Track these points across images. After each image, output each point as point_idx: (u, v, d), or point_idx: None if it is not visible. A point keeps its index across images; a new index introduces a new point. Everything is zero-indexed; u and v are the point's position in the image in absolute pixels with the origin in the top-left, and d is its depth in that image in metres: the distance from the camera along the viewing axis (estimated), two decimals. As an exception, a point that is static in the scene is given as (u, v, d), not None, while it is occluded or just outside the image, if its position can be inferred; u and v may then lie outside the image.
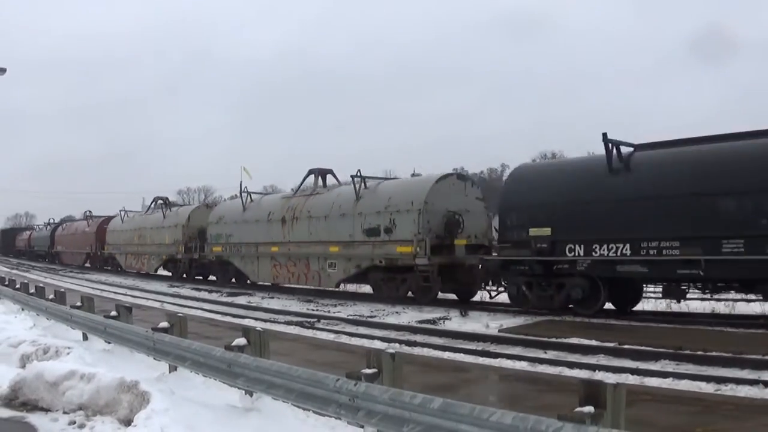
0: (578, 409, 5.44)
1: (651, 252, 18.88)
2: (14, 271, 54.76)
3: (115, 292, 34.92)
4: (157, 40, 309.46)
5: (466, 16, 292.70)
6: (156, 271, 47.16)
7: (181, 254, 42.94)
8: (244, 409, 9.15)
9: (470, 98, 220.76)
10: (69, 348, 13.25)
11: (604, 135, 20.23)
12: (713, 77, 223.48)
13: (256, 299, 30.24)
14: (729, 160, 18.15)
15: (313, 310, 25.32)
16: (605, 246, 19.79)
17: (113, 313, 15.09)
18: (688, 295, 19.43)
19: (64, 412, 9.89)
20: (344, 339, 17.94)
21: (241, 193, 37.27)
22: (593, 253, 20.08)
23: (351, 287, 30.34)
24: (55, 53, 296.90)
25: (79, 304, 17.26)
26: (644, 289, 21.68)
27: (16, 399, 10.63)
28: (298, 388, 7.93)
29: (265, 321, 21.64)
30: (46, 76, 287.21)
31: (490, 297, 24.67)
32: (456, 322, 20.76)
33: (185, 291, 35.71)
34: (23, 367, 12.03)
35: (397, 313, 23.43)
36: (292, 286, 33.39)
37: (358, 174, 29.35)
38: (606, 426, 5.27)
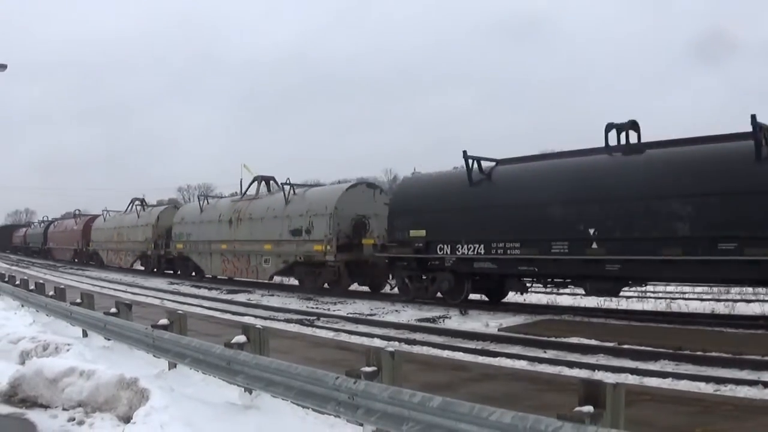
0: (578, 408, 5.44)
1: (499, 252, 22.54)
2: (14, 268, 54.88)
3: (115, 289, 34.96)
4: (160, 42, 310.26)
5: (467, 19, 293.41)
6: (132, 265, 51.85)
7: (150, 250, 47.90)
8: (243, 407, 9.15)
9: (471, 100, 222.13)
10: (69, 345, 13.24)
11: (464, 152, 23.87)
12: (715, 79, 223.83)
13: (255, 297, 30.26)
14: (559, 174, 21.75)
15: (312, 308, 25.33)
16: (466, 246, 23.54)
17: (113, 310, 15.11)
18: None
19: (64, 409, 9.88)
20: (344, 337, 17.94)
21: (199, 197, 44.19)
22: (457, 252, 23.85)
23: (353, 287, 30.91)
24: (59, 54, 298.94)
25: (78, 300, 17.26)
26: (521, 281, 24.01)
27: (16, 395, 10.61)
28: (298, 385, 7.93)
29: (264, 318, 21.69)
30: (50, 77, 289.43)
31: (390, 288, 28.82)
32: (456, 321, 20.76)
33: (185, 288, 35.75)
34: (23, 363, 12.01)
35: (396, 311, 23.44)
36: (241, 279, 37.75)
37: (288, 182, 34.28)
38: (605, 426, 5.27)
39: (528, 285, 23.82)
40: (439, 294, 24.87)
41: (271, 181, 37.70)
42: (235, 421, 8.54)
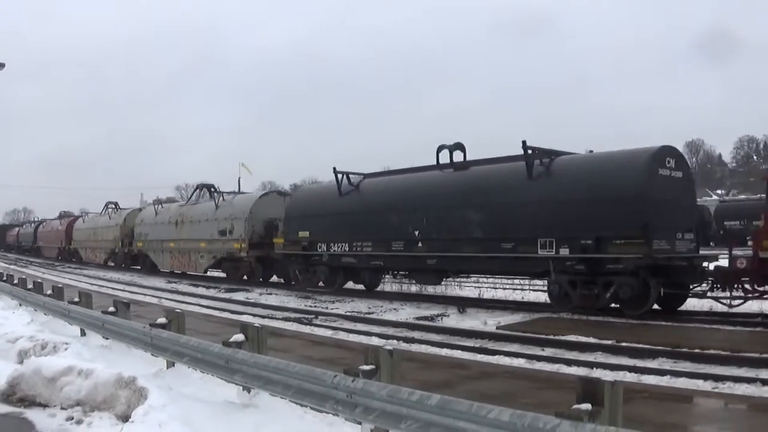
0: (576, 406, 5.45)
1: (357, 249, 28.41)
2: (12, 267, 54.94)
3: (113, 288, 34.96)
4: (161, 41, 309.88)
5: (468, 19, 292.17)
6: (105, 262, 57.72)
7: (118, 248, 53.95)
8: (241, 405, 9.15)
9: (471, 99, 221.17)
10: (67, 344, 13.24)
11: (334, 168, 29.77)
12: (718, 78, 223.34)
13: (253, 295, 30.24)
14: (400, 187, 27.73)
15: (310, 306, 25.30)
16: (336, 245, 29.48)
17: (111, 308, 15.09)
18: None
19: (62, 408, 9.88)
20: (342, 335, 17.93)
21: (153, 202, 51.21)
22: (330, 250, 29.82)
23: (348, 285, 31.00)
24: (60, 53, 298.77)
25: (77, 299, 17.24)
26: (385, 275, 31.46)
27: (14, 394, 10.62)
28: (296, 384, 7.93)
29: (262, 317, 21.69)
30: (51, 75, 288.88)
31: (295, 282, 33.55)
32: (454, 319, 20.76)
33: (183, 287, 35.73)
34: (21, 362, 12.02)
35: (395, 309, 23.43)
36: (182, 271, 44.25)
37: (217, 189, 42.35)
38: (603, 423, 5.28)
39: (381, 277, 31.42)
40: (321, 284, 30.88)
41: (212, 188, 43.30)
42: (233, 420, 8.54)
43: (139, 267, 50.25)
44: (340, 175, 29.46)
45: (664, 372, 12.32)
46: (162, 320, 12.30)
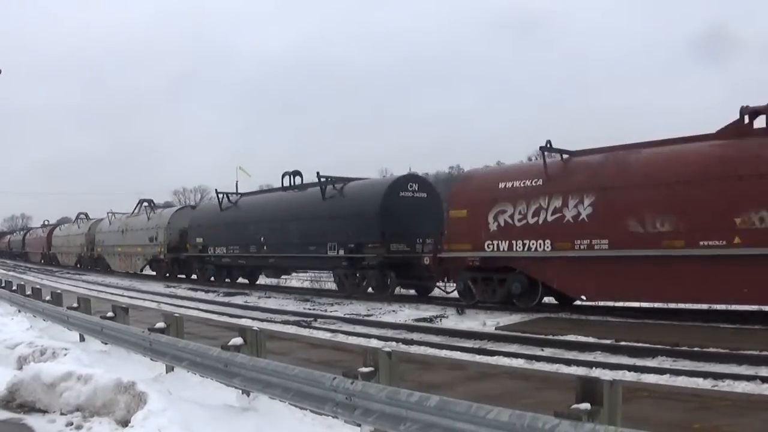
0: (575, 406, 5.44)
1: (231, 252, 38.34)
2: (11, 273, 54.98)
3: (112, 293, 34.99)
4: (163, 43, 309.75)
5: (469, 19, 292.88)
6: (75, 264, 66.49)
7: (83, 253, 63.50)
8: (241, 409, 9.14)
9: (471, 98, 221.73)
10: (66, 349, 13.23)
11: (216, 190, 41.96)
12: (716, 76, 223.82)
13: (252, 299, 30.32)
14: (258, 204, 37.88)
15: (309, 309, 25.35)
16: (219, 248, 39.33)
17: (110, 314, 15.10)
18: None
19: (62, 414, 9.87)
20: (341, 338, 17.95)
21: (107, 214, 59.96)
22: (215, 252, 39.67)
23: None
24: (62, 56, 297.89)
25: (75, 305, 17.24)
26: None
27: (14, 401, 10.61)
28: (295, 387, 7.92)
29: (261, 320, 21.68)
30: (53, 79, 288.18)
31: (197, 277, 42.71)
32: (453, 320, 20.79)
33: (181, 291, 35.86)
34: (20, 368, 12.00)
35: (393, 311, 23.46)
36: (125, 270, 53.41)
37: (151, 203, 54.01)
38: (603, 423, 5.27)
39: (259, 273, 39.73)
40: (212, 278, 40.67)
41: (150, 203, 54.15)
42: (233, 424, 8.54)
43: (99, 268, 59.30)
44: (221, 195, 39.97)
45: (663, 371, 12.33)
46: (161, 325, 12.28)
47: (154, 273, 48.90)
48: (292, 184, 35.72)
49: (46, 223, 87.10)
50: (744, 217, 16.98)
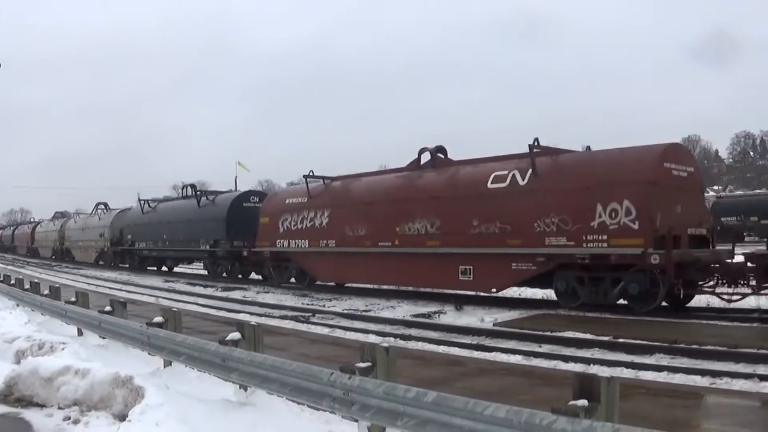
0: (572, 402, 5.45)
1: (147, 246, 48.18)
2: (10, 267, 55.03)
3: (110, 288, 34.98)
4: (172, 37, 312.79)
5: (471, 19, 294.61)
6: (51, 256, 75.57)
7: (56, 246, 73.66)
8: (238, 404, 9.15)
9: (475, 96, 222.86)
10: (64, 343, 13.22)
11: (138, 197, 56.46)
12: (716, 75, 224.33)
13: (251, 294, 30.24)
14: (165, 208, 48.70)
15: (307, 304, 25.30)
16: (140, 243, 49.36)
17: (108, 308, 15.08)
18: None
19: (59, 408, 9.86)
20: (339, 333, 17.94)
21: (73, 214, 74.83)
22: (139, 245, 49.77)
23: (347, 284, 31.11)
24: (67, 52, 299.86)
25: (73, 299, 17.23)
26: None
27: (11, 395, 10.61)
28: (293, 382, 7.92)
29: (260, 316, 21.67)
30: (57, 74, 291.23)
31: (129, 265, 53.38)
32: (451, 316, 20.77)
33: (180, 286, 35.74)
34: (18, 362, 12.00)
35: (392, 307, 23.44)
36: (83, 260, 63.44)
37: (104, 205, 64.37)
38: (600, 419, 5.28)
39: (177, 263, 49.32)
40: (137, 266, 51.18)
41: (105, 205, 64.71)
42: (230, 418, 8.54)
43: (67, 258, 69.13)
44: (142, 201, 51.44)
45: (661, 368, 12.32)
46: (159, 319, 12.30)
47: (102, 263, 58.90)
48: (187, 194, 47.18)
49: (32, 219, 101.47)
50: (400, 226, 25.93)
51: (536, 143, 22.09)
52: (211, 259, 40.86)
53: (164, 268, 49.54)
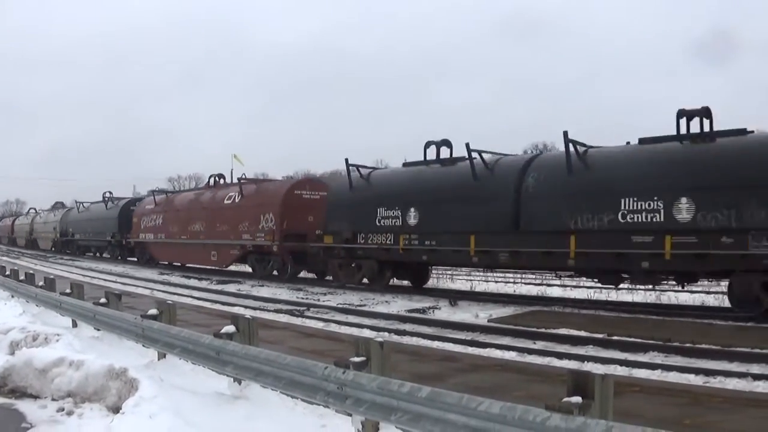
0: (566, 399, 5.45)
1: (81, 236, 61.82)
2: (5, 258, 55.00)
3: (105, 279, 34.90)
4: (181, 32, 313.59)
5: (474, 18, 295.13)
6: (23, 246, 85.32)
7: (28, 237, 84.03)
8: (232, 397, 9.15)
9: (478, 94, 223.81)
10: (58, 335, 13.20)
11: (75, 201, 71.86)
12: (717, 74, 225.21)
13: (245, 287, 30.23)
14: (94, 208, 61.23)
15: (302, 298, 25.30)
16: (77, 235, 62.73)
17: (102, 300, 15.07)
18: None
19: (53, 399, 9.87)
20: (333, 327, 17.93)
21: (39, 210, 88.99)
22: (75, 237, 63.43)
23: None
24: (72, 46, 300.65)
25: (68, 291, 17.21)
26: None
27: (5, 386, 10.61)
28: (287, 375, 7.92)
29: (254, 309, 21.66)
30: (62, 68, 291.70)
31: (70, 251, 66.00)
32: (445, 312, 20.78)
33: (175, 278, 35.76)
34: (12, 354, 11.99)
35: (386, 302, 23.44)
36: (43, 248, 76.14)
37: (62, 204, 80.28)
38: (594, 416, 5.28)
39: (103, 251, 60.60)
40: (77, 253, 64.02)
41: (62, 203, 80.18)
42: (224, 411, 8.54)
43: (35, 247, 79.53)
44: (78, 203, 65.43)
45: (655, 366, 12.34)
46: (153, 311, 12.28)
47: (54, 249, 71.17)
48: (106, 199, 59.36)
49: (16, 211, 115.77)
50: (190, 225, 40.71)
51: (244, 177, 39.68)
52: (109, 246, 56.73)
53: (89, 254, 62.05)
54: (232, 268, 39.08)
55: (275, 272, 34.30)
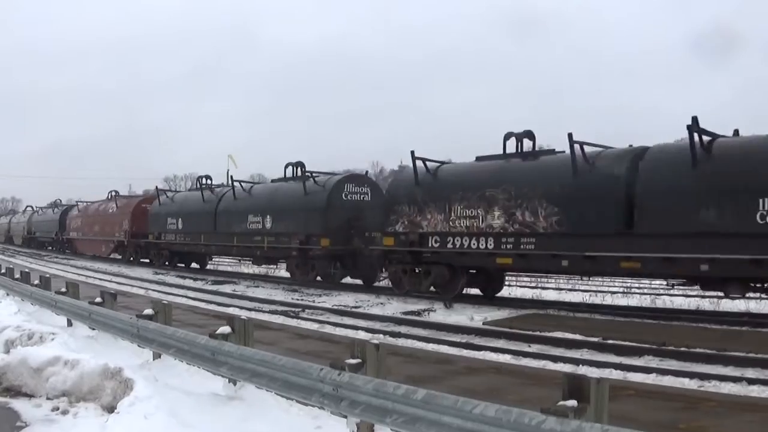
0: (561, 402, 5.45)
1: (34, 234, 79.12)
2: (0, 257, 54.96)
3: (101, 279, 34.87)
4: (190, 33, 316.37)
5: (476, 18, 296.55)
6: (4, 241, 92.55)
7: (6, 235, 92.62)
8: (227, 398, 9.15)
9: (481, 95, 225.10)
10: (53, 334, 13.20)
11: (26, 206, 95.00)
12: (716, 74, 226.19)
13: (241, 288, 30.22)
14: (45, 213, 79.50)
15: (297, 299, 25.30)
16: (40, 233, 75.92)
17: (98, 299, 15.06)
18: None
19: (48, 398, 9.86)
20: (328, 329, 17.92)
21: (12, 212, 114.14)
22: (37, 234, 76.86)
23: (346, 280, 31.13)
24: (87, 42, 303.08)
25: (64, 290, 17.21)
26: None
27: (0, 384, 10.60)
28: (282, 377, 7.93)
29: (249, 310, 21.64)
30: (69, 65, 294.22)
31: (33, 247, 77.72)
32: (441, 314, 20.79)
33: (170, 279, 35.69)
34: (7, 352, 11.98)
35: (381, 304, 23.45)
36: (17, 243, 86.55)
37: (32, 207, 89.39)
38: (589, 420, 5.28)
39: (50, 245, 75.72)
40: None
41: (32, 207, 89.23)
42: (219, 412, 8.54)
43: (12, 243, 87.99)
44: (29, 208, 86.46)
45: (650, 370, 12.36)
46: (149, 311, 12.28)
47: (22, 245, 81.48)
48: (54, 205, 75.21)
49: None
50: (100, 229, 56.33)
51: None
52: (50, 242, 71.01)
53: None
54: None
55: (132, 258, 49.55)
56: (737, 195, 16.96)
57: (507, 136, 23.30)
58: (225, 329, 9.90)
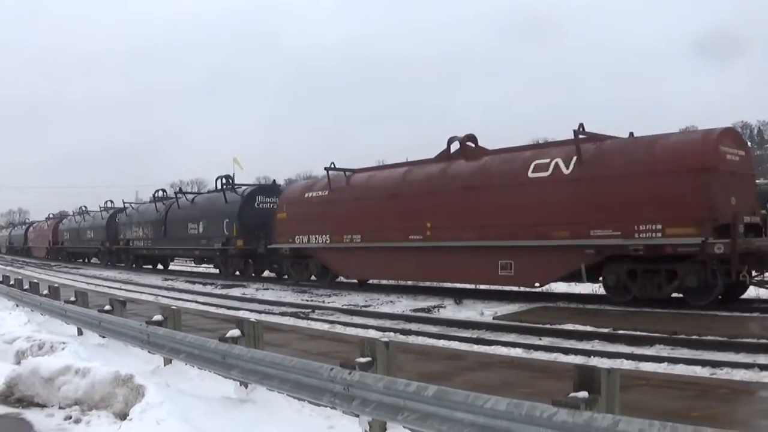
0: (573, 394, 5.44)
1: (18, 245, 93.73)
2: (9, 268, 55.04)
3: (109, 287, 34.97)
4: (210, 35, 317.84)
5: (481, 18, 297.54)
6: (5, 252, 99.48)
7: (7, 245, 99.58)
8: (239, 401, 9.15)
9: (493, 94, 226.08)
10: (64, 343, 13.22)
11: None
12: (714, 68, 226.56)
13: (250, 291, 30.24)
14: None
15: (307, 300, 25.31)
16: (32, 243, 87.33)
17: (107, 307, 15.06)
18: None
19: (60, 408, 9.87)
20: (339, 329, 17.92)
21: (9, 224, 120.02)
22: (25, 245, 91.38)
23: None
24: (103, 50, 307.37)
25: (73, 299, 17.22)
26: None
27: (12, 395, 10.61)
28: (293, 378, 7.92)
29: (259, 312, 21.63)
30: (90, 74, 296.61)
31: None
32: (450, 311, 20.78)
33: (179, 284, 35.76)
34: (18, 363, 12.00)
35: (391, 302, 23.44)
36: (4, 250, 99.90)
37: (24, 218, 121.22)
38: (600, 411, 5.27)
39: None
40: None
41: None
42: (231, 416, 8.54)
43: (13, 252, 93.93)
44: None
45: (661, 359, 12.32)
46: (158, 317, 12.29)
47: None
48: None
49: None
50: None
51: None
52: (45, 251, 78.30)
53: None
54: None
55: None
56: None
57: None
58: (235, 332, 9.91)
